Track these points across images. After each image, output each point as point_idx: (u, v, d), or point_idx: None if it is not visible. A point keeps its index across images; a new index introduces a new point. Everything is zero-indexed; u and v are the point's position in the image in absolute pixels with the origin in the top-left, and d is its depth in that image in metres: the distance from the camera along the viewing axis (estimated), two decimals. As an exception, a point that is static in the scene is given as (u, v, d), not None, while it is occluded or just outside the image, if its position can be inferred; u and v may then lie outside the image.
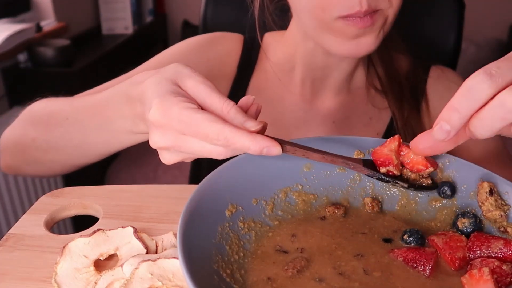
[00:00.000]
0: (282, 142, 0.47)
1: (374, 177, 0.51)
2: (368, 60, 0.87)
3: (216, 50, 0.88)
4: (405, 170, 0.51)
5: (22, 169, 0.78)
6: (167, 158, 0.52)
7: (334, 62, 0.80)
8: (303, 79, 0.85)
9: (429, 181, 0.52)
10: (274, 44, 0.90)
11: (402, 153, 0.51)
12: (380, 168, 0.51)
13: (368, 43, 0.71)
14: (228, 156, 0.48)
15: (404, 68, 0.89)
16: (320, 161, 0.50)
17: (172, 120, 0.47)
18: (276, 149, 0.46)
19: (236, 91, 0.87)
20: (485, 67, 0.42)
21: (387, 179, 0.50)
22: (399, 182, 0.50)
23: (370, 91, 0.87)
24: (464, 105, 0.42)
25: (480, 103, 0.42)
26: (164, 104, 0.48)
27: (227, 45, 0.90)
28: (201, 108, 0.48)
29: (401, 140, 0.51)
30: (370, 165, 0.51)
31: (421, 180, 0.51)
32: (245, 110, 0.50)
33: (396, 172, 0.50)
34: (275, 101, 0.87)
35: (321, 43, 0.74)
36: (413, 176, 0.51)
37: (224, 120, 0.47)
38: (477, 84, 0.41)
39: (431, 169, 0.51)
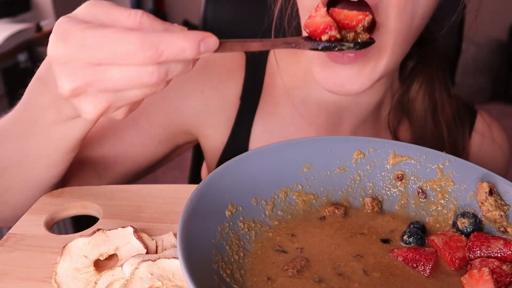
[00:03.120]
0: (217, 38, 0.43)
1: (320, 48, 0.47)
2: (401, 100, 0.74)
3: (211, 80, 0.75)
4: (343, 32, 0.49)
5: None
6: (88, 107, 0.41)
7: (347, 97, 0.71)
8: (318, 115, 0.74)
9: (367, 36, 0.50)
10: (285, 62, 0.77)
11: (335, 15, 0.50)
12: (322, 37, 0.47)
13: (348, 79, 0.59)
14: (162, 78, 0.39)
15: (447, 116, 0.76)
16: (261, 49, 0.46)
17: (77, 48, 0.37)
18: (213, 39, 0.38)
19: (241, 127, 0.76)
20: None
21: (333, 44, 0.47)
22: (345, 44, 0.48)
23: (399, 136, 0.75)
24: None
25: None
26: (61, 32, 0.38)
27: (224, 70, 0.76)
28: None
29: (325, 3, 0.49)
30: (309, 41, 0.48)
31: (360, 37, 0.50)
32: None
33: (338, 36, 0.48)
34: (286, 131, 0.75)
35: (309, 66, 0.64)
36: (351, 35, 0.50)
37: None
38: None
39: (370, 16, 0.50)
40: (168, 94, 0.74)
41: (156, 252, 0.50)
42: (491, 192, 0.49)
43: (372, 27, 0.58)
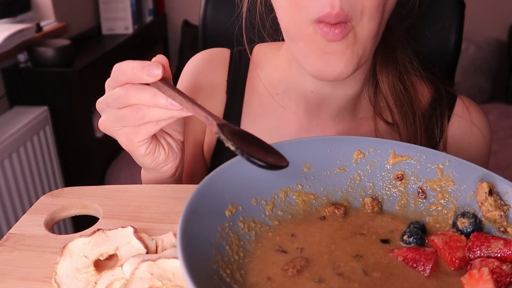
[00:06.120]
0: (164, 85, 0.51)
1: (221, 135, 0.45)
2: (375, 87, 0.77)
3: (202, 89, 0.80)
4: None
5: None
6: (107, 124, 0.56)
7: (327, 84, 0.72)
8: (297, 104, 0.76)
9: None
10: (265, 60, 0.80)
11: None
12: None
13: (337, 64, 0.61)
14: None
15: (424, 99, 0.78)
16: (185, 109, 0.51)
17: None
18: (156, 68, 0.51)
19: (230, 119, 0.79)
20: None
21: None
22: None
23: (378, 123, 0.77)
24: None
25: None
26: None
27: (208, 71, 0.81)
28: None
29: None
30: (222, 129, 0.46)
31: None
32: None
33: None
34: (272, 131, 0.78)
35: (294, 53, 0.65)
36: None
37: None
38: None
39: None
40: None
41: (156, 252, 0.50)
42: (490, 192, 0.49)
43: None
